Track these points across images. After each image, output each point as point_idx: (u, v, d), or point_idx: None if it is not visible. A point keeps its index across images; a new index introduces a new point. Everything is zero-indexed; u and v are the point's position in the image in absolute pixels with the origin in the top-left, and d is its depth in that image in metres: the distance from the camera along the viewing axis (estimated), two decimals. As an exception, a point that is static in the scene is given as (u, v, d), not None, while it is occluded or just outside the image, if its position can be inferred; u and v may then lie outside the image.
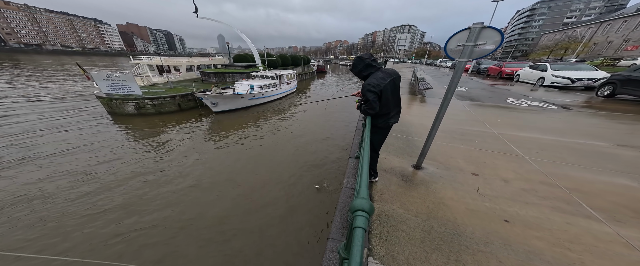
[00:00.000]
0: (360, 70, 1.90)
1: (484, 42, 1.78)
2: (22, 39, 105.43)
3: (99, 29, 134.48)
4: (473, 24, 1.78)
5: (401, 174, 2.62)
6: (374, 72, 1.87)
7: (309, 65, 34.77)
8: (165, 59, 17.06)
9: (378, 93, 1.80)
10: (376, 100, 1.81)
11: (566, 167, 2.85)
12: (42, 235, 3.58)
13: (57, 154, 6.35)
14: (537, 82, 10.50)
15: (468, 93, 8.39)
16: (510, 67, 14.26)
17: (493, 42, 1.74)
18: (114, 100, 10.03)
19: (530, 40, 63.69)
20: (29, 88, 15.72)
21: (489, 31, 1.74)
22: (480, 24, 1.75)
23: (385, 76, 1.83)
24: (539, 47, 47.44)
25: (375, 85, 1.79)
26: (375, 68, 1.88)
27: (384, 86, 1.79)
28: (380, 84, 1.79)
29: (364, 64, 1.88)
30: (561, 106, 6.30)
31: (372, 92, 1.79)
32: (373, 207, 0.80)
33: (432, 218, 1.94)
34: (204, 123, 9.73)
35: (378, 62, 1.94)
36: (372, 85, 1.79)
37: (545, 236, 1.77)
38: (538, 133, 4.08)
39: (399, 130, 4.00)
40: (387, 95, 1.85)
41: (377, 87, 1.78)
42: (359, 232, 0.72)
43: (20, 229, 3.69)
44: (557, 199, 2.21)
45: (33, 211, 4.08)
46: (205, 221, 4.00)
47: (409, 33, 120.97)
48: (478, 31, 1.76)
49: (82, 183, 4.99)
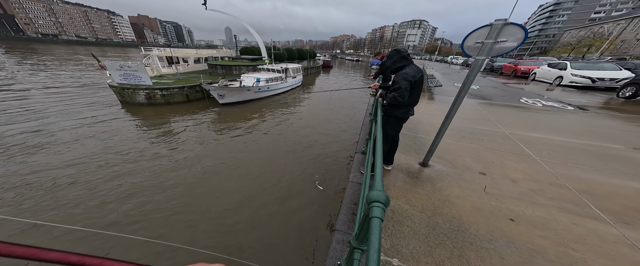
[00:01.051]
0: (395, 61, 2.00)
1: (505, 39, 1.73)
2: (40, 29, 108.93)
3: (112, 20, 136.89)
4: (495, 20, 1.74)
5: (407, 171, 2.65)
6: (408, 64, 1.99)
7: (314, 60, 34.47)
8: (174, 51, 17.34)
9: (412, 84, 1.93)
10: (408, 89, 1.93)
11: (577, 169, 2.80)
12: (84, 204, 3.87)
13: (72, 142, 6.71)
14: (555, 81, 10.06)
15: (479, 92, 8.16)
16: (527, 65, 13.68)
17: (515, 39, 1.70)
18: (126, 90, 10.36)
19: (551, 36, 60.32)
20: (48, 77, 16.41)
21: (511, 28, 1.69)
22: (503, 20, 1.71)
23: (418, 70, 1.96)
24: (560, 44, 44.89)
25: (412, 75, 1.91)
26: (409, 61, 2.00)
27: (417, 79, 1.94)
28: (415, 76, 1.92)
29: (401, 56, 1.99)
30: (578, 107, 6.06)
31: (408, 82, 1.90)
32: (389, 199, 0.83)
33: (437, 215, 1.98)
34: (211, 115, 9.94)
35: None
36: (410, 75, 1.91)
37: (549, 235, 1.79)
38: (551, 134, 3.98)
39: (407, 127, 3.98)
40: (417, 88, 2.01)
41: (413, 77, 1.91)
42: (376, 222, 0.76)
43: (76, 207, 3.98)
44: (565, 200, 2.20)
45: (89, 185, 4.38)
46: (210, 213, 4.18)
47: (419, 28, 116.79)
48: (500, 28, 1.71)
49: (99, 167, 5.28)
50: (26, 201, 4.11)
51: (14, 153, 5.77)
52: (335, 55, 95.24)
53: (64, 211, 3.93)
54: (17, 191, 4.36)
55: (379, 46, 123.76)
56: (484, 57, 1.87)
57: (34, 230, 3.52)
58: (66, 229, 3.46)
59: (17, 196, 4.23)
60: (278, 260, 3.27)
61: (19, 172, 4.99)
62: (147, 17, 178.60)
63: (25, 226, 3.50)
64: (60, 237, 3.42)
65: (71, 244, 3.34)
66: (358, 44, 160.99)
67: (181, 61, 17.97)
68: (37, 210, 3.97)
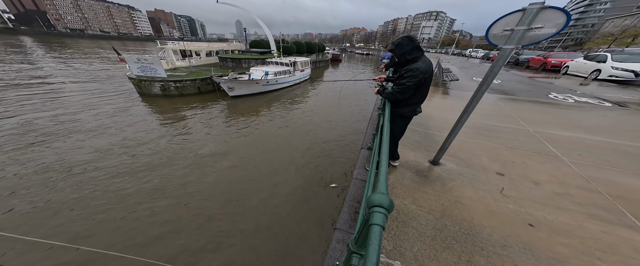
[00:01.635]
0: (407, 51, 1.69)
1: (541, 25, 1.49)
2: (68, 25, 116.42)
3: (132, 15, 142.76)
4: (529, 4, 1.50)
5: (416, 169, 2.51)
6: (420, 57, 1.72)
7: (323, 53, 33.86)
8: (187, 44, 17.76)
9: (421, 81, 1.72)
10: (413, 88, 1.75)
11: (612, 172, 2.50)
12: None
13: (95, 129, 7.17)
14: (590, 75, 9.07)
15: (500, 86, 7.56)
16: (559, 57, 12.43)
17: (554, 25, 1.45)
18: (143, 82, 10.84)
19: (589, 27, 54.14)
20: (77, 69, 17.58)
21: (549, 12, 1.44)
22: (540, 3, 1.46)
23: (429, 65, 1.73)
24: (600, 34, 40.19)
25: (423, 71, 1.68)
26: (422, 53, 1.74)
27: (428, 76, 1.73)
28: (426, 72, 1.70)
29: (414, 45, 1.68)
30: (616, 103, 5.42)
31: (417, 78, 1.69)
32: (393, 204, 0.73)
33: (446, 217, 1.85)
34: (221, 107, 10.16)
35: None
36: (421, 71, 1.67)
37: (573, 243, 1.60)
38: (583, 133, 3.58)
39: (417, 122, 3.77)
40: (427, 85, 1.80)
41: (424, 74, 1.69)
42: (376, 230, 0.66)
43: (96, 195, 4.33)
44: (595, 206, 1.97)
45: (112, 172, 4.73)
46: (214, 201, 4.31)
47: (435, 20, 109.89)
48: (535, 12, 1.47)
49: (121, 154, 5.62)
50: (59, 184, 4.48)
51: (44, 141, 6.27)
52: (344, 49, 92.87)
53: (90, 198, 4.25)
54: (46, 178, 4.76)
55: (391, 39, 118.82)
56: (512, 46, 1.64)
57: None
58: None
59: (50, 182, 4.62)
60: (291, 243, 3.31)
61: (49, 158, 5.43)
62: (163, 12, 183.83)
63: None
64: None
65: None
66: (369, 37, 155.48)
67: (194, 54, 18.41)
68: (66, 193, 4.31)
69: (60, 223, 3.57)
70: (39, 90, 10.96)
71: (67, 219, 3.65)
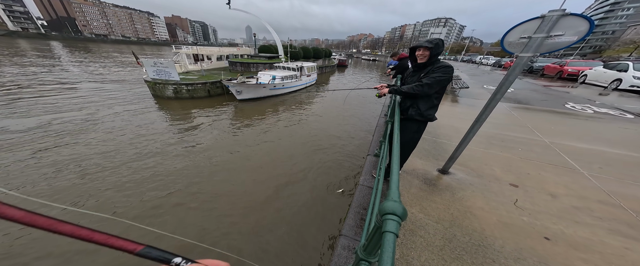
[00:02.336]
0: (440, 52, 1.76)
1: (561, 33, 1.46)
2: (94, 30, 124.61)
3: (151, 21, 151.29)
4: (549, 12, 1.49)
5: (424, 177, 2.47)
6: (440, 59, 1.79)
7: (330, 58, 34.23)
8: (200, 49, 18.51)
9: (449, 80, 1.74)
10: (442, 85, 1.72)
11: (637, 187, 2.36)
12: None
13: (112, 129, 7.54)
14: (611, 85, 8.66)
15: (514, 95, 7.35)
16: (576, 65, 11.99)
17: (575, 32, 1.42)
18: (157, 84, 11.35)
19: (609, 33, 52.06)
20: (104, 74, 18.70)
21: (571, 19, 1.41)
22: (561, 11, 1.44)
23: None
24: (621, 42, 38.51)
25: (451, 71, 1.70)
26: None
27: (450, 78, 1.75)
28: (451, 74, 1.73)
29: (443, 48, 1.80)
30: (639, 115, 5.14)
31: (448, 75, 1.67)
32: (406, 212, 0.72)
33: (455, 227, 1.80)
34: (228, 110, 10.43)
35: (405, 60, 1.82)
36: (452, 69, 1.69)
37: (593, 259, 1.52)
38: (603, 146, 3.41)
39: (426, 130, 3.72)
40: (443, 89, 1.80)
41: (452, 73, 1.73)
42: (390, 238, 0.66)
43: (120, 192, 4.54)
44: (617, 221, 1.86)
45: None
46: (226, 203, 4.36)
47: (444, 27, 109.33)
48: (555, 20, 1.45)
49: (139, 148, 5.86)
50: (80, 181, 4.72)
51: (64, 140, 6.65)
52: (351, 54, 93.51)
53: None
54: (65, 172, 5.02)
55: (397, 46, 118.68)
56: (530, 54, 1.62)
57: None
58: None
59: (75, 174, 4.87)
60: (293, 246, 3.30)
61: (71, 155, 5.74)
62: (180, 18, 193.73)
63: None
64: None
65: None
66: (376, 43, 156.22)
67: (206, 58, 19.13)
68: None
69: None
70: (63, 93, 11.70)
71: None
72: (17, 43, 47.08)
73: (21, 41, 56.29)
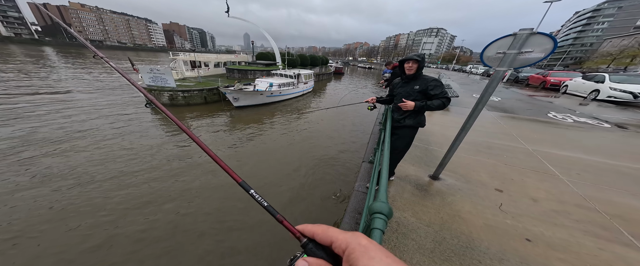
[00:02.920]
0: (424, 65, 2.03)
1: (530, 50, 1.63)
2: (89, 36, 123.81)
3: (149, 27, 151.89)
4: (520, 30, 1.65)
5: (416, 183, 2.60)
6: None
7: (326, 66, 35.00)
8: (197, 56, 18.68)
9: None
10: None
11: (611, 192, 2.55)
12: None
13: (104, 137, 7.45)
14: (590, 95, 9.22)
15: (501, 104, 7.74)
16: (557, 76, 12.72)
17: (542, 50, 1.59)
18: (152, 91, 11.33)
19: (587, 46, 55.48)
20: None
21: (538, 37, 1.59)
22: (529, 29, 1.61)
23: None
24: (598, 54, 41.05)
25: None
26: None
27: None
28: None
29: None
30: (616, 124, 5.50)
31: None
32: (392, 211, 0.81)
33: (445, 230, 1.92)
34: (225, 117, 10.46)
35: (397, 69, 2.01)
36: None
37: (570, 259, 1.65)
38: (582, 153, 3.65)
39: (418, 138, 3.87)
40: None
41: None
42: (377, 234, 0.73)
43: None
44: (592, 224, 2.02)
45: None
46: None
47: (436, 36, 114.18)
48: (525, 38, 1.62)
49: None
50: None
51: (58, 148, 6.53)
52: (347, 62, 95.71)
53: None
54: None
55: (392, 54, 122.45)
56: (505, 69, 1.80)
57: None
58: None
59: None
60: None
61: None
62: (178, 24, 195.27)
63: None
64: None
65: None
66: (371, 51, 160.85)
67: (203, 65, 19.28)
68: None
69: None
70: (54, 99, 11.52)
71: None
72: (8, 48, 46.27)
73: (13, 46, 55.36)
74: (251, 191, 0.43)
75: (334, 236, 0.29)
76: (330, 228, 0.31)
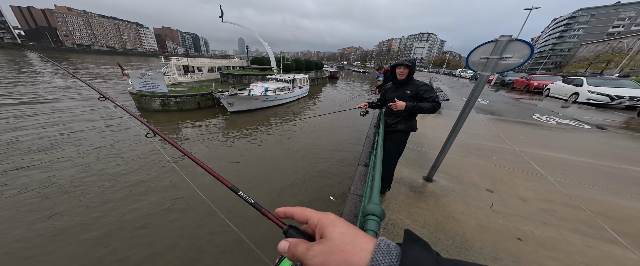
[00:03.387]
0: (415, 70, 2.05)
1: (510, 55, 1.72)
2: (76, 40, 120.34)
3: (139, 32, 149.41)
4: (500, 37, 1.74)
5: (410, 185, 2.63)
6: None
7: (321, 70, 35.38)
8: (190, 60, 18.48)
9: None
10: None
11: (594, 191, 2.67)
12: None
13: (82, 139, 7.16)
14: (570, 98, 9.72)
15: (489, 107, 8.03)
16: (540, 80, 13.36)
17: (521, 55, 1.68)
18: (143, 97, 11.06)
19: (566, 51, 58.88)
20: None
21: (517, 44, 1.69)
22: (508, 36, 1.71)
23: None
24: (576, 59, 43.60)
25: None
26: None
27: None
28: None
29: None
30: (595, 126, 5.80)
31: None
32: (384, 213, 0.83)
33: (439, 231, 1.94)
34: (219, 122, 10.31)
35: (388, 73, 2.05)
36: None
37: (560, 257, 1.70)
38: (565, 154, 3.82)
39: (411, 141, 3.96)
40: None
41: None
42: (370, 235, 0.76)
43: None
44: (578, 222, 2.10)
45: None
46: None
47: (427, 41, 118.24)
48: (505, 44, 1.71)
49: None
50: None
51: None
52: (342, 66, 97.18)
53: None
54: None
55: (385, 58, 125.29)
56: (489, 73, 1.89)
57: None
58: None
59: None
60: None
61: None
62: (170, 29, 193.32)
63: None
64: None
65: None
66: (365, 55, 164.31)
67: (196, 70, 19.06)
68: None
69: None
70: (42, 108, 11.03)
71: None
72: (-13, 52, 44.21)
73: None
74: (240, 192, 0.52)
75: (309, 215, 0.33)
76: (306, 209, 0.35)
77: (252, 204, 0.48)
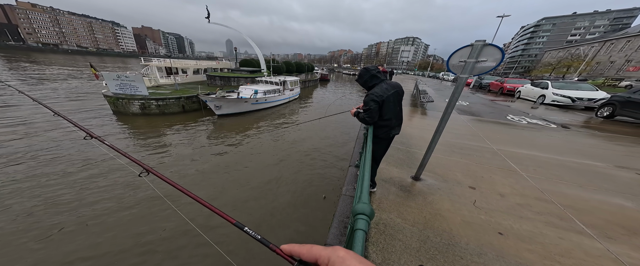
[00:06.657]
0: (366, 80, 1.99)
1: (485, 59, 1.86)
2: (41, 39, 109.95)
3: (115, 31, 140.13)
4: (475, 41, 1.88)
5: (400, 184, 2.70)
6: (378, 83, 1.96)
7: (312, 73, 35.52)
8: (174, 62, 17.67)
9: (379, 103, 1.88)
10: (377, 110, 1.89)
11: (562, 185, 2.92)
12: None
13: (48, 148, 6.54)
14: (538, 100, 10.63)
15: (469, 108, 8.53)
16: (512, 83, 14.49)
17: (494, 59, 1.82)
18: (120, 100, 10.35)
19: (533, 56, 64.52)
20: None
21: (490, 48, 1.83)
22: (483, 41, 1.84)
23: (389, 88, 1.92)
24: (542, 64, 48.01)
25: (378, 95, 1.87)
26: (380, 79, 1.97)
27: (386, 97, 1.88)
28: (383, 95, 1.88)
29: (370, 74, 1.97)
30: (560, 125, 6.39)
31: (375, 102, 1.86)
32: (373, 212, 0.85)
33: (428, 229, 2.01)
34: (206, 126, 9.92)
35: (383, 74, 2.03)
36: (376, 95, 1.87)
37: (537, 249, 1.83)
38: (536, 151, 4.15)
39: (400, 141, 4.11)
40: (389, 106, 1.93)
41: (380, 97, 1.87)
42: (359, 234, 0.76)
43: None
44: (551, 214, 2.28)
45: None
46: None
47: (412, 45, 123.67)
48: (480, 48, 1.85)
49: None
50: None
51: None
52: (332, 69, 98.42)
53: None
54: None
55: (374, 61, 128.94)
56: (467, 75, 2.02)
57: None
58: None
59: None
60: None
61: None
62: (151, 29, 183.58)
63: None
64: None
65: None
66: (355, 58, 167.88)
67: (180, 72, 18.25)
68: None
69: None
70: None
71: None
72: None
73: (-64, 47, 46.76)
74: (245, 228, 0.51)
75: (317, 253, 0.34)
76: (313, 247, 0.35)
77: (259, 240, 0.47)
